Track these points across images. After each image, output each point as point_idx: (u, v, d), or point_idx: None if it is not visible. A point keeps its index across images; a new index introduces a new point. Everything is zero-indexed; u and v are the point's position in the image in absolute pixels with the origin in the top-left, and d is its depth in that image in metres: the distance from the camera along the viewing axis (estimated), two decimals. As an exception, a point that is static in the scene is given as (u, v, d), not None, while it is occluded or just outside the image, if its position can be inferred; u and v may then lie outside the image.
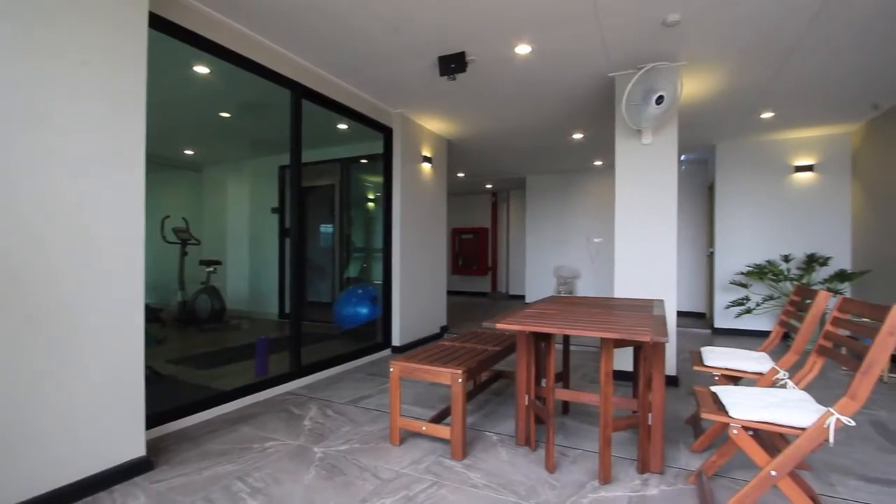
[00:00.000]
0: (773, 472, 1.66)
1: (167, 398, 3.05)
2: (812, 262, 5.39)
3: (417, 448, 2.48)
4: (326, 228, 7.08)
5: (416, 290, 5.22)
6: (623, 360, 3.80)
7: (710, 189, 6.80)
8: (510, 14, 2.93)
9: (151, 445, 2.41)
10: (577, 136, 5.84)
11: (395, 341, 4.88)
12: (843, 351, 1.90)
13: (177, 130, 5.63)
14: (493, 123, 5.32)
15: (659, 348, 2.16)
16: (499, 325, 1.98)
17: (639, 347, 2.43)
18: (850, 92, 4.29)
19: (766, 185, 5.97)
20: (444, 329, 5.89)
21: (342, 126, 4.89)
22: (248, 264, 7.13)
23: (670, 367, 3.66)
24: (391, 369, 2.51)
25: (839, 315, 1.96)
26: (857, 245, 5.41)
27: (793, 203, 5.85)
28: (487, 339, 3.21)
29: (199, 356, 4.58)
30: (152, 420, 2.53)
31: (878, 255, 4.91)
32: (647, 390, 2.22)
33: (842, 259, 5.57)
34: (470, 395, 2.97)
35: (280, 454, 2.40)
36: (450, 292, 9.53)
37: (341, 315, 5.24)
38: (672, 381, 3.66)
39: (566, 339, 3.13)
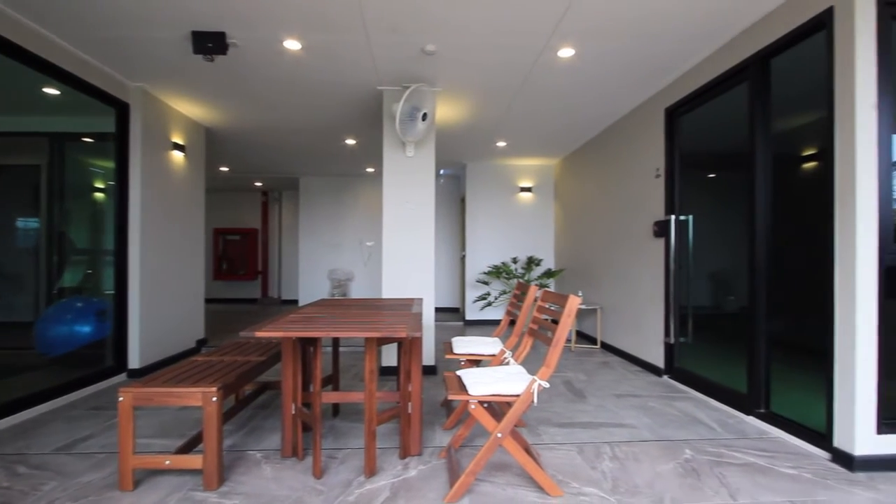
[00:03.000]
0: (499, 434, 2.05)
1: None
2: (531, 263, 6.88)
3: (159, 488, 2.11)
4: (27, 223, 5.29)
5: (164, 299, 4.43)
6: (392, 356, 4.07)
7: (463, 201, 7.93)
8: (274, 2, 2.80)
9: None
10: (350, 141, 5.98)
11: (134, 363, 4.04)
12: (549, 334, 2.49)
13: None
14: (261, 117, 4.97)
15: (416, 342, 2.41)
16: (258, 334, 1.86)
17: (401, 343, 2.65)
18: (549, 134, 5.68)
19: (502, 200, 7.34)
20: (201, 343, 5.17)
21: (52, 91, 3.76)
22: None
23: (429, 358, 4.11)
24: (120, 398, 2.06)
25: (541, 303, 2.56)
26: (558, 249, 7.18)
27: (519, 216, 7.35)
28: (251, 349, 2.98)
29: None
30: None
31: (569, 257, 6.63)
32: (408, 381, 2.44)
33: (549, 260, 7.29)
34: (231, 413, 2.70)
35: (-74, 544, 1.69)
36: (212, 300, 8.43)
37: (48, 337, 4.01)
38: (430, 371, 4.12)
39: (335, 341, 3.16)
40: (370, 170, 8.02)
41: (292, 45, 3.28)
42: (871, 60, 2.28)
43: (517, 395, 2.05)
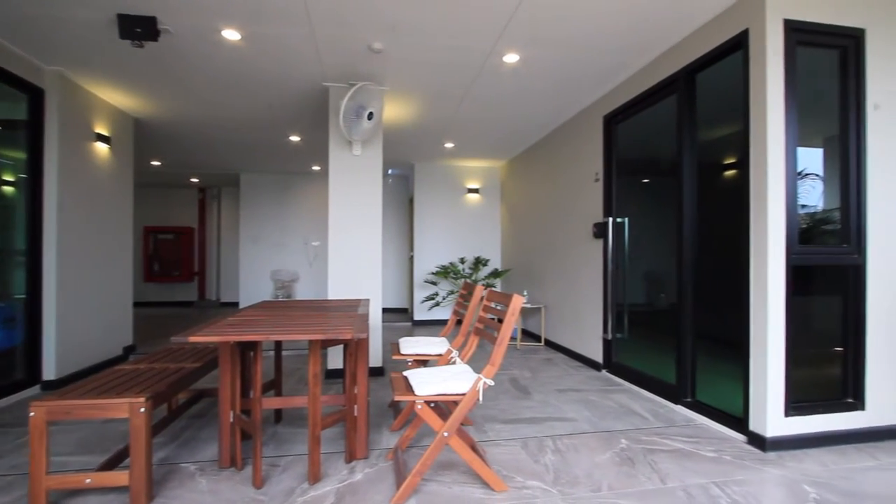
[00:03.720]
0: (446, 433, 2.07)
1: None
2: (478, 263, 6.99)
3: (79, 508, 1.94)
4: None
5: (84, 303, 4.07)
6: (339, 358, 3.99)
7: (411, 202, 7.92)
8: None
9: None
10: (295, 138, 5.79)
11: (49, 374, 3.68)
12: (495, 333, 2.53)
13: None
14: (198, 109, 4.69)
15: (363, 343, 2.37)
16: (192, 339, 1.76)
17: (347, 345, 2.60)
18: (496, 138, 5.81)
19: (450, 201, 7.40)
20: (129, 350, 4.81)
21: (-54, 72, 3.35)
22: None
23: (376, 360, 4.07)
24: (31, 413, 1.87)
25: (487, 303, 2.61)
26: (504, 250, 7.35)
27: (466, 217, 7.45)
28: (185, 355, 2.81)
29: None
30: None
31: (515, 257, 6.80)
32: (354, 384, 2.40)
33: (496, 260, 7.44)
34: (163, 424, 2.53)
35: None
36: (142, 304, 7.85)
37: (-57, 348, 3.57)
38: (378, 372, 4.08)
39: (278, 344, 3.06)
40: (316, 168, 7.81)
41: (231, 34, 3.13)
42: (780, 79, 2.53)
43: (463, 394, 2.08)
